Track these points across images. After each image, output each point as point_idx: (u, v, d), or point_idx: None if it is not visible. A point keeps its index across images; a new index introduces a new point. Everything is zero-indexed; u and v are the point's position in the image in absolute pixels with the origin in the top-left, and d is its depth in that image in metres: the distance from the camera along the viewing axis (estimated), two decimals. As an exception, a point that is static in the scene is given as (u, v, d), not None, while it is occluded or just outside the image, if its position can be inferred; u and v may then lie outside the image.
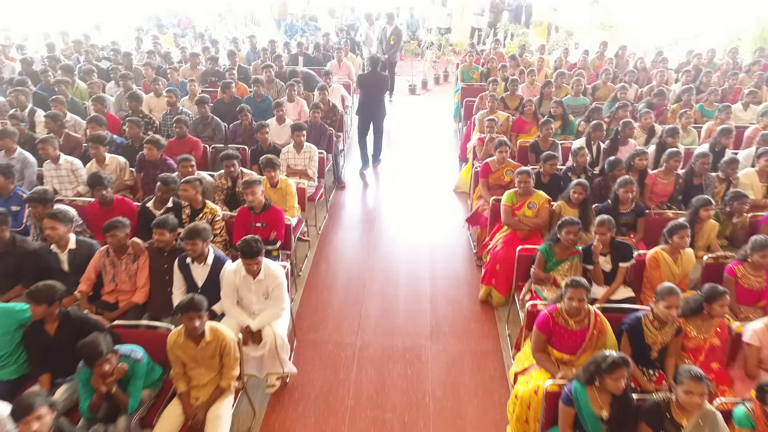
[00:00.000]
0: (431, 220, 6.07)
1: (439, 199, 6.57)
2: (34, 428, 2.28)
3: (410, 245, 5.62)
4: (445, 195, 6.64)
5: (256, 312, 3.58)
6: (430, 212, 6.25)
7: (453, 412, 3.64)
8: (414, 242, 5.66)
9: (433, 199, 6.56)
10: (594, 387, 2.67)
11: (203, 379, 3.08)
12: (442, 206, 6.40)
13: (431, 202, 6.47)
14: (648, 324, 3.12)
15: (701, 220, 4.11)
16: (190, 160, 4.69)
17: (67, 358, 2.97)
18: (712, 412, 2.58)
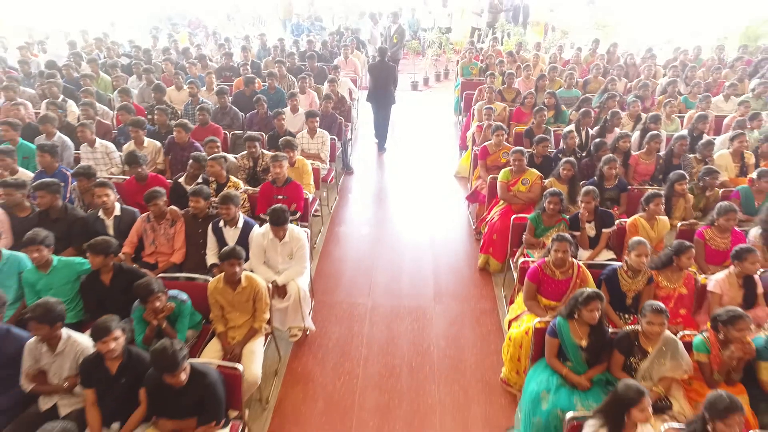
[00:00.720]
0: (434, 202, 6.57)
1: (441, 183, 7.07)
2: (111, 347, 2.76)
3: (415, 223, 6.11)
4: (447, 179, 7.14)
5: (281, 271, 4.06)
6: (432, 194, 6.75)
7: (455, 359, 4.12)
8: (418, 220, 6.15)
9: (436, 183, 7.06)
10: (574, 320, 3.15)
11: (239, 321, 3.56)
12: (443, 189, 6.90)
13: (434, 186, 6.97)
14: (623, 274, 3.60)
15: (677, 193, 4.61)
16: (216, 142, 5.18)
17: (120, 305, 3.43)
18: (673, 339, 3.05)
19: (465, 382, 3.91)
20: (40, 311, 2.82)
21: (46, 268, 3.56)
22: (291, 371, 3.99)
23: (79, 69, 8.13)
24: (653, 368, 3.03)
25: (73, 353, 2.99)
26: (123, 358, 2.86)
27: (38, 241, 3.47)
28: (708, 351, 3.05)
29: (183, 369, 2.62)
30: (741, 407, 2.38)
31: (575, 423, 2.72)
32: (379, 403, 3.73)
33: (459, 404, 3.72)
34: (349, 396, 3.79)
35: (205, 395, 2.77)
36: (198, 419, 2.80)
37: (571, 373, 3.13)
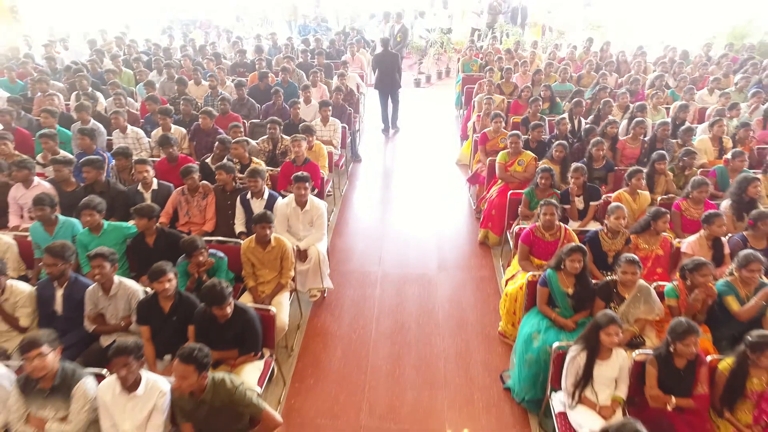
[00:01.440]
0: (437, 186, 7.06)
1: (443, 169, 7.57)
2: (166, 286, 3.24)
3: (419, 205, 6.59)
4: (449, 166, 7.64)
5: (302, 237, 4.55)
6: (435, 179, 7.25)
7: (457, 318, 4.60)
8: (422, 202, 6.64)
9: (438, 169, 7.56)
10: (561, 271, 3.63)
11: (268, 277, 4.04)
12: (445, 175, 7.40)
13: (436, 172, 7.47)
14: (603, 236, 4.09)
15: (658, 171, 5.10)
16: (239, 127, 5.69)
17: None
18: (646, 286, 3.53)
19: (466, 335, 4.39)
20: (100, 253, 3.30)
21: (98, 230, 4.05)
22: (311, 326, 4.48)
23: (101, 65, 8.66)
24: (629, 311, 3.51)
25: (126, 296, 3.47)
26: (174, 299, 3.34)
27: (92, 206, 3.96)
28: (677, 296, 3.53)
29: (229, 303, 3.10)
30: (697, 330, 2.86)
31: (560, 351, 3.20)
32: (391, 352, 4.21)
33: (461, 353, 4.20)
34: (363, 347, 4.27)
35: (246, 329, 3.25)
36: (239, 350, 3.28)
37: (559, 317, 3.61)
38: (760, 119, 6.59)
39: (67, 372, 2.75)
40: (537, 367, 3.52)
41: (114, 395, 2.72)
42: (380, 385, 3.90)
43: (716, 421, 3.00)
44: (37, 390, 2.72)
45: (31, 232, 4.13)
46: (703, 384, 2.93)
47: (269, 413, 2.73)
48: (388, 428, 3.55)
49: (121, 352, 2.62)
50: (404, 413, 3.67)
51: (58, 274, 3.39)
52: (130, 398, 2.71)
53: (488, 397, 3.79)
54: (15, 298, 3.41)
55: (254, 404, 2.69)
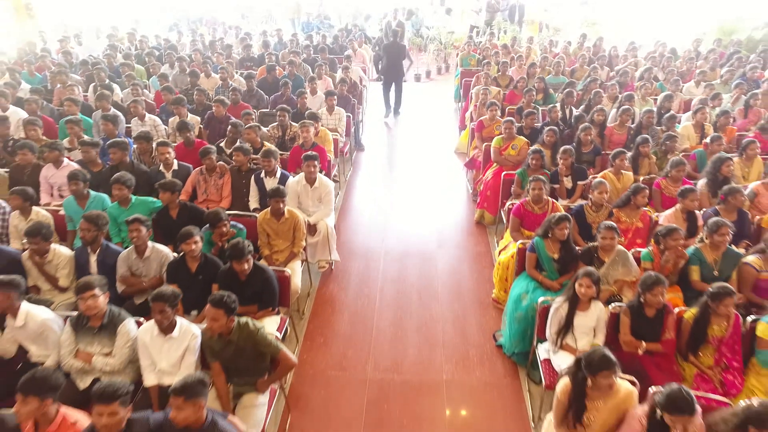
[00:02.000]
0: (436, 172, 7.46)
1: (442, 157, 7.96)
2: (193, 247, 3.63)
3: (420, 189, 6.99)
4: (447, 154, 8.04)
5: (312, 213, 4.94)
6: (434, 166, 7.65)
7: (454, 286, 4.99)
8: (423, 187, 7.03)
9: (437, 157, 7.96)
10: (548, 239, 4.01)
11: (281, 246, 4.43)
12: (444, 162, 7.80)
13: (436, 160, 7.87)
14: (588, 209, 4.47)
15: (641, 154, 5.48)
16: (251, 114, 6.08)
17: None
18: (623, 251, 3.92)
19: (463, 302, 4.78)
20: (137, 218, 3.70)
21: (126, 204, 4.43)
22: (321, 294, 4.87)
23: (115, 59, 9.05)
24: (608, 273, 3.89)
25: (158, 259, 3.86)
26: (200, 260, 3.73)
27: (122, 181, 4.35)
28: (652, 260, 3.92)
29: (248, 259, 3.49)
30: (663, 281, 3.24)
31: (545, 306, 3.59)
32: (394, 317, 4.60)
33: (458, 317, 4.59)
34: (368, 312, 4.66)
35: (264, 287, 3.64)
36: (258, 305, 3.66)
37: (545, 279, 3.99)
38: (741, 109, 6.98)
39: (114, 313, 3.14)
40: (525, 323, 3.91)
41: (152, 337, 3.11)
42: (384, 344, 4.29)
43: (682, 363, 3.39)
44: (87, 328, 3.11)
45: (65, 206, 4.52)
46: (670, 330, 3.32)
47: (286, 354, 3.12)
48: (391, 379, 3.94)
49: (160, 298, 3.01)
50: (406, 367, 4.06)
51: (91, 240, 3.78)
52: (166, 340, 3.10)
53: (482, 353, 4.18)
54: (57, 260, 3.80)
55: (273, 345, 3.08)
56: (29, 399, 2.38)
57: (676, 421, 2.34)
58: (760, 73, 8.22)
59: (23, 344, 3.16)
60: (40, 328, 3.11)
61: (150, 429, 2.49)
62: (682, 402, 2.33)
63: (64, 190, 5.10)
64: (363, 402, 3.75)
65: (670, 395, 2.37)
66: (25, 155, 5.09)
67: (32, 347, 3.15)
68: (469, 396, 3.81)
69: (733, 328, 3.28)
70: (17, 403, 2.41)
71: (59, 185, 5.13)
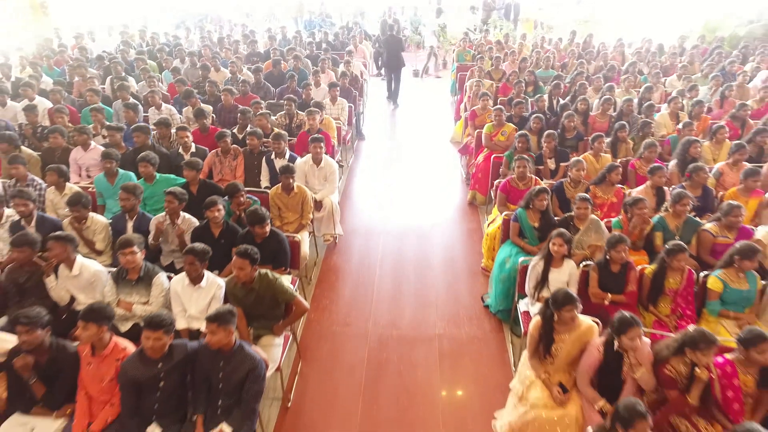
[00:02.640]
0: (432, 159, 7.97)
1: (438, 146, 8.48)
2: (216, 214, 4.12)
3: (417, 175, 7.49)
4: (443, 143, 8.54)
5: (318, 191, 5.43)
6: (431, 154, 8.16)
7: (448, 257, 5.50)
8: (420, 173, 7.53)
9: (434, 146, 8.47)
10: (530, 209, 4.50)
11: (291, 218, 4.92)
12: (440, 150, 8.30)
13: (432, 148, 8.38)
14: (567, 185, 4.97)
15: (619, 139, 5.98)
16: (260, 103, 6.59)
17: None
18: (596, 219, 4.41)
19: (455, 271, 5.28)
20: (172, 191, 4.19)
21: (151, 180, 4.92)
22: (326, 264, 5.38)
23: (128, 54, 9.55)
24: (583, 239, 4.38)
25: (187, 227, 4.35)
26: (222, 226, 4.22)
27: (147, 159, 4.83)
28: (621, 227, 4.41)
29: (267, 223, 3.99)
30: (625, 240, 3.73)
31: (524, 265, 4.08)
32: (392, 284, 5.10)
33: (450, 283, 5.09)
34: (369, 280, 5.16)
35: (278, 248, 4.13)
36: (272, 265, 4.15)
37: (526, 245, 4.49)
38: (717, 100, 7.47)
39: (149, 267, 3.63)
40: (508, 283, 4.41)
41: (183, 286, 3.60)
42: (383, 305, 4.79)
43: (643, 313, 3.88)
44: (126, 280, 3.60)
45: (96, 183, 5.01)
46: (632, 284, 3.81)
47: (299, 300, 3.61)
48: (390, 333, 4.44)
49: (191, 252, 3.50)
50: (403, 324, 4.56)
51: (130, 208, 4.27)
52: (195, 289, 3.59)
53: (471, 312, 4.68)
54: (94, 227, 4.28)
55: (289, 292, 3.57)
56: (89, 325, 2.87)
57: (624, 340, 2.84)
58: (738, 67, 8.72)
59: (73, 293, 3.65)
60: (92, 278, 3.61)
61: (187, 353, 2.98)
62: (628, 320, 2.84)
63: (91, 171, 5.59)
64: (365, 352, 4.24)
65: (619, 318, 2.88)
66: (56, 139, 5.59)
67: (81, 295, 3.64)
68: (459, 347, 4.30)
69: (687, 281, 3.77)
70: (79, 329, 2.90)
71: (87, 166, 5.62)
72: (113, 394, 2.97)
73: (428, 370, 4.08)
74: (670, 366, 2.95)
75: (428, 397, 3.82)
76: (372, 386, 3.92)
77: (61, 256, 3.52)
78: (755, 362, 2.85)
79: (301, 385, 3.93)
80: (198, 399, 2.99)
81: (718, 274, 3.74)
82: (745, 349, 2.85)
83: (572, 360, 3.24)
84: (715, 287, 3.73)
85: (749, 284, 3.71)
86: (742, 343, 2.86)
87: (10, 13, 10.90)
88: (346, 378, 4.00)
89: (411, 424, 3.63)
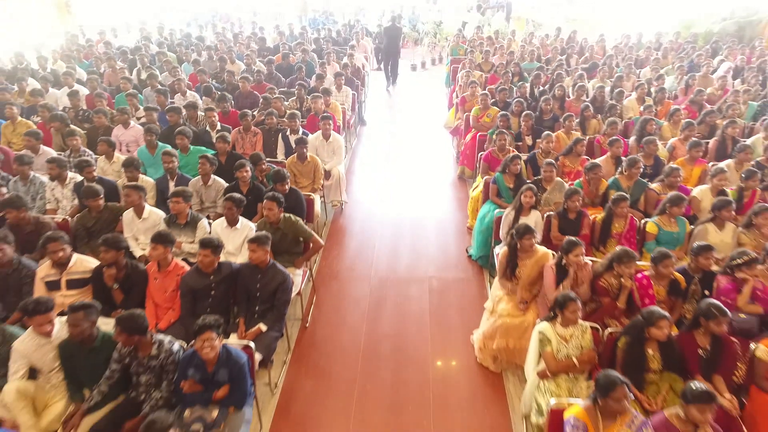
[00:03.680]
0: (427, 142, 8.86)
1: (433, 131, 9.37)
2: (244, 174, 4.99)
3: (414, 156, 8.37)
4: (437, 129, 9.44)
5: (327, 162, 6.31)
6: (426, 138, 9.05)
7: (440, 219, 6.39)
8: (416, 154, 8.42)
9: (429, 131, 9.37)
10: (506, 173, 5.38)
11: (305, 183, 5.80)
12: (434, 135, 9.20)
13: (427, 132, 9.27)
14: (539, 155, 5.84)
15: (587, 118, 6.87)
16: (274, 89, 7.46)
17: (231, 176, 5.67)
18: (560, 181, 5.28)
19: (444, 230, 6.18)
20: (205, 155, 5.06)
21: (186, 151, 5.79)
22: (334, 224, 6.28)
23: (149, 49, 10.43)
24: (549, 198, 5.25)
25: (216, 188, 5.21)
26: (249, 184, 5.10)
27: (183, 133, 5.71)
28: (581, 187, 5.28)
29: (287, 182, 4.87)
30: (578, 191, 4.60)
31: (499, 216, 4.96)
32: (391, 240, 5.99)
33: (440, 241, 5.98)
34: (371, 237, 6.05)
35: (296, 203, 5.00)
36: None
37: (503, 203, 5.36)
38: (682, 88, 8.36)
39: (194, 214, 4.51)
40: (487, 234, 5.28)
41: (222, 228, 4.48)
42: (383, 257, 5.67)
43: (595, 253, 4.75)
44: (176, 224, 4.48)
45: (139, 153, 5.88)
46: (585, 228, 4.68)
47: (316, 238, 4.49)
48: (388, 276, 5.33)
49: (230, 199, 4.37)
50: (400, 269, 5.45)
51: (172, 169, 5.15)
52: (232, 230, 4.47)
53: (457, 261, 5.57)
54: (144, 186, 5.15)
55: (308, 231, 4.46)
56: (158, 246, 3.75)
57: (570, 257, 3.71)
58: (708, 60, 9.60)
59: (137, 234, 4.52)
60: (157, 221, 4.49)
61: (232, 270, 3.87)
62: (573, 241, 3.72)
63: (130, 146, 6.47)
64: (368, 290, 5.13)
65: (567, 240, 3.76)
66: (100, 118, 6.47)
67: (141, 236, 4.52)
68: (446, 285, 5.19)
69: (630, 225, 4.65)
70: (149, 249, 3.78)
71: (127, 142, 6.49)
72: (174, 302, 3.85)
73: (420, 301, 4.97)
74: (604, 279, 3.84)
75: (420, 321, 4.71)
76: (374, 314, 4.80)
77: (135, 202, 4.40)
78: (662, 276, 3.74)
79: (315, 312, 4.81)
80: (240, 305, 3.87)
81: (654, 219, 4.63)
82: (655, 266, 3.73)
83: (532, 280, 4.12)
84: (651, 230, 4.60)
85: (679, 227, 4.59)
86: (653, 261, 3.75)
87: (36, 12, 11.78)
88: (352, 307, 4.89)
89: (405, 339, 4.51)
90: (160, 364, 3.13)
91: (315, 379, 4.09)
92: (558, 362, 3.33)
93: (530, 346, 3.53)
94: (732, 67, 9.32)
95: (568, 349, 3.36)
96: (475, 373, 4.16)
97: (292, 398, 3.92)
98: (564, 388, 3.31)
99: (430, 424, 3.71)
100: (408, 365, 4.23)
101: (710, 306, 3.19)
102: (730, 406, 3.08)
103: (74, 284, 3.84)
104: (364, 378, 4.09)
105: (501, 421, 3.75)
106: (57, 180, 5.11)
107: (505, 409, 3.85)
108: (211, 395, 3.06)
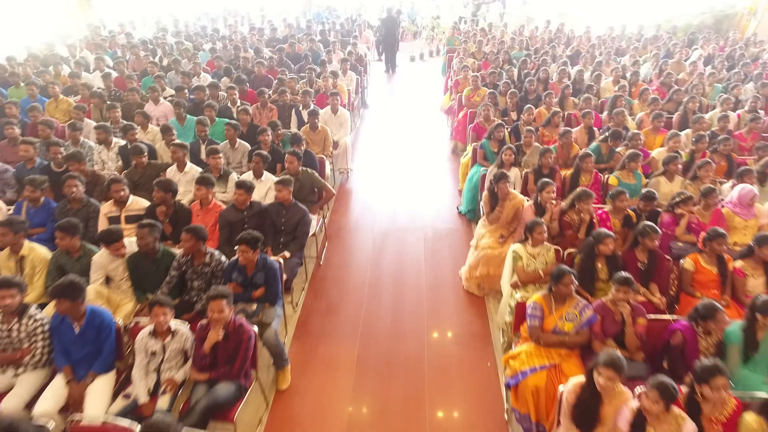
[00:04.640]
0: (424, 122, 9.70)
1: (430, 113, 10.22)
2: (266, 138, 5.82)
3: (412, 133, 9.21)
4: (434, 111, 10.29)
5: (335, 133, 7.13)
6: (424, 119, 9.89)
7: (434, 186, 7.23)
8: (414, 132, 9.26)
9: (426, 112, 10.21)
10: (491, 139, 6.21)
11: (316, 150, 6.60)
12: (431, 116, 10.04)
13: (424, 114, 10.11)
14: (521, 126, 6.66)
15: (566, 96, 7.71)
16: (286, 71, 8.29)
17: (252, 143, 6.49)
18: (537, 146, 6.09)
19: (438, 193, 7.02)
20: (232, 124, 5.89)
21: (212, 122, 6.62)
22: (341, 190, 7.13)
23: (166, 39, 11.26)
24: (528, 160, 6.06)
25: (242, 150, 6.03)
26: (270, 147, 5.91)
27: (211, 106, 6.55)
28: (556, 151, 6.12)
29: (302, 144, 5.70)
30: (550, 150, 5.43)
31: (484, 174, 5.79)
32: (390, 202, 6.82)
33: (434, 200, 6.83)
34: (373, 198, 6.89)
35: (310, 162, 5.83)
36: (307, 175, 5.86)
37: (489, 165, 6.19)
38: (656, 73, 9.19)
39: (225, 169, 5.34)
40: (474, 190, 6.12)
41: (250, 180, 5.30)
42: (385, 214, 6.51)
43: (565, 203, 5.58)
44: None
45: (171, 124, 6.71)
46: (557, 182, 5.50)
47: (329, 187, 5.33)
48: (389, 228, 6.17)
49: (259, 155, 5.20)
50: (399, 223, 6.29)
51: (204, 135, 5.98)
52: (258, 182, 5.29)
53: (448, 216, 6.41)
54: (178, 149, 5.98)
55: (321, 181, 5.29)
56: (201, 187, 4.57)
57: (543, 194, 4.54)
58: (684, 50, 10.43)
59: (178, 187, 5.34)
60: (196, 174, 5.30)
61: (262, 207, 4.70)
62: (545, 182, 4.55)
63: (160, 121, 7.27)
64: (371, 238, 5.97)
65: (541, 181, 4.60)
66: (132, 95, 7.31)
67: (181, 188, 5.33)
68: (439, 234, 6.03)
69: (594, 179, 5.47)
70: (195, 190, 4.61)
71: (157, 117, 7.31)
72: (214, 234, 4.67)
73: (416, 246, 5.80)
74: (568, 215, 4.67)
75: (416, 260, 5.55)
76: (377, 255, 5.64)
77: (181, 157, 5.23)
78: (618, 210, 4.57)
79: (327, 253, 5.65)
80: (268, 236, 4.70)
81: (615, 173, 5.46)
82: (612, 201, 4.57)
83: (509, 219, 4.94)
84: (612, 182, 5.43)
85: (635, 180, 5.42)
86: (611, 197, 4.58)
87: (59, 5, 12.60)
88: (359, 251, 5.72)
89: (403, 274, 5.34)
90: (212, 270, 3.96)
91: (328, 302, 4.92)
92: (527, 274, 4.16)
93: (505, 264, 4.36)
94: (704, 55, 10.16)
95: (535, 263, 4.19)
96: (462, 298, 4.99)
97: (310, 315, 4.75)
98: (531, 294, 4.13)
99: (423, 329, 4.55)
100: (406, 293, 5.06)
101: (645, 226, 4.03)
102: (659, 302, 3.92)
103: (131, 219, 4.66)
104: (369, 301, 4.93)
105: (483, 332, 4.58)
106: (103, 144, 5.94)
107: (486, 322, 4.68)
108: (250, 294, 3.89)
